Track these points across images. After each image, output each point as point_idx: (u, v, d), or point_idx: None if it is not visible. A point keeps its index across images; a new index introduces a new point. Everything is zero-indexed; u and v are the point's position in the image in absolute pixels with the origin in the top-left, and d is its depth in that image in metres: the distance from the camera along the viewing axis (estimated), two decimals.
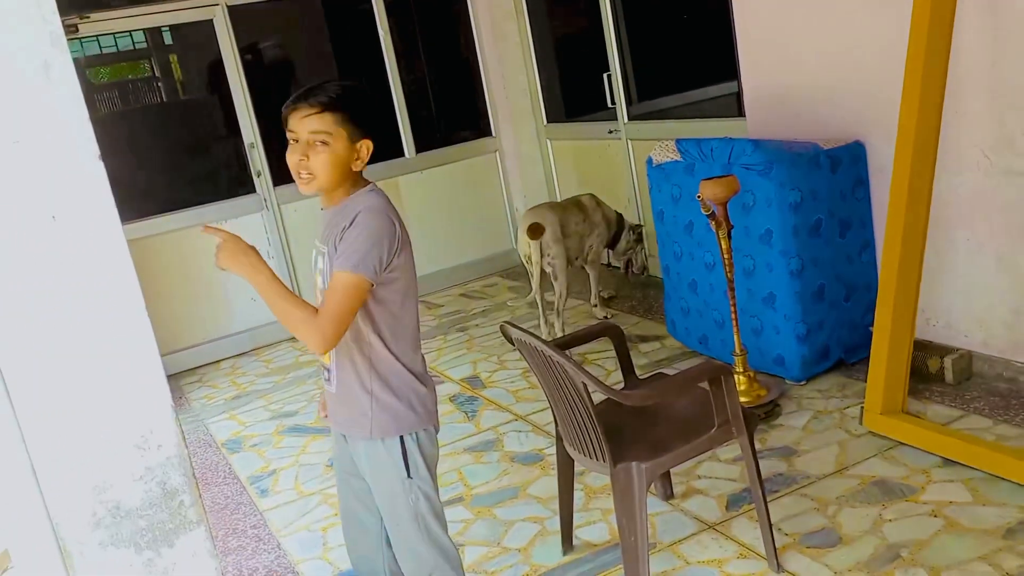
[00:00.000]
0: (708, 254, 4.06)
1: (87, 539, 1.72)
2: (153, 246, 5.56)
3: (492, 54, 6.52)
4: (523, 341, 2.59)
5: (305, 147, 1.96)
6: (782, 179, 3.66)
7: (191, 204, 5.73)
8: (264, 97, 5.86)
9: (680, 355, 4.46)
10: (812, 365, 3.85)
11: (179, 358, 5.65)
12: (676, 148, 4.16)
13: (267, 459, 4.12)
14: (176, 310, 5.63)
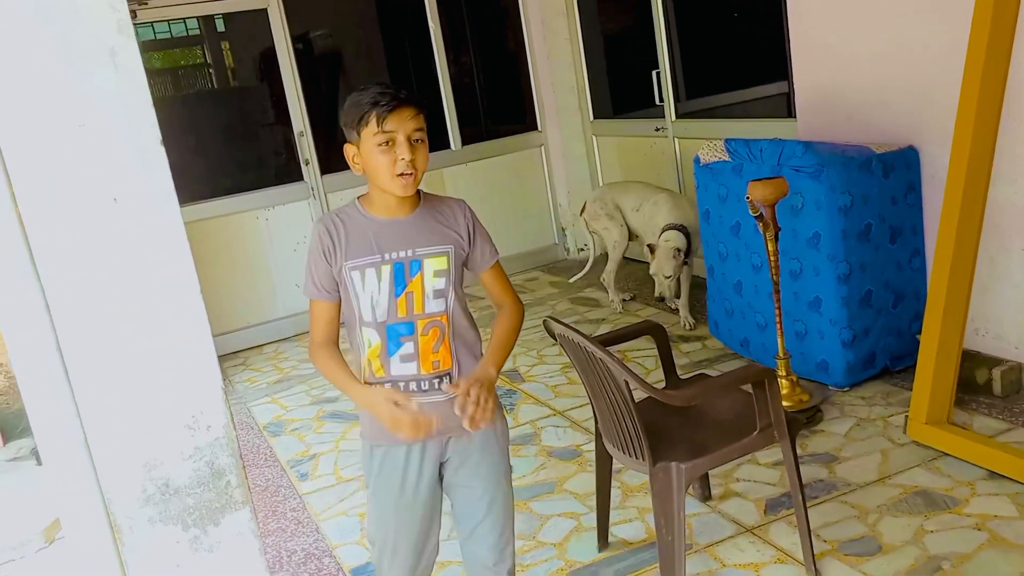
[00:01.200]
0: (755, 256, 4.02)
1: (136, 514, 1.76)
2: (201, 230, 5.64)
3: (541, 49, 6.52)
4: (566, 337, 2.60)
5: (411, 146, 1.98)
6: (833, 182, 3.62)
7: (239, 190, 5.81)
8: (314, 86, 5.92)
9: (721, 356, 4.43)
10: (857, 372, 3.80)
11: (224, 341, 5.73)
12: (724, 148, 4.13)
13: (307, 444, 4.18)
14: (221, 294, 5.72)
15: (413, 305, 2.02)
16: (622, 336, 2.97)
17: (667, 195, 5.10)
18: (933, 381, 3.27)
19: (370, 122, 1.95)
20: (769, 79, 5.05)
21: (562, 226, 6.77)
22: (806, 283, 3.79)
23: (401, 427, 1.94)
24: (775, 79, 4.83)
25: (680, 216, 4.92)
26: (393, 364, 2.02)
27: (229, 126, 6.09)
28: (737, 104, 5.50)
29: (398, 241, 2.02)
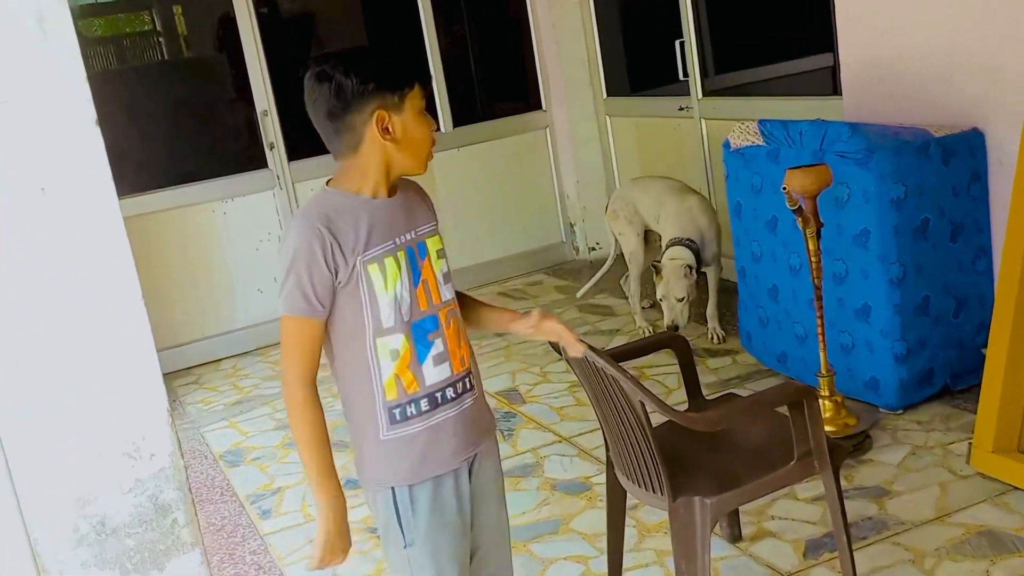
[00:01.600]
0: (793, 256, 4.02)
1: (67, 558, 1.76)
2: (148, 225, 5.65)
3: (545, 15, 6.53)
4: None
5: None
6: (884, 170, 3.62)
7: (193, 179, 5.82)
8: (281, 58, 5.94)
9: (754, 373, 4.43)
10: (911, 391, 3.80)
11: (174, 355, 5.73)
12: (759, 130, 4.14)
13: (270, 475, 4.18)
14: (172, 300, 5.73)
15: (431, 295, 2.05)
16: (638, 350, 2.97)
17: (676, 200, 4.99)
18: (1001, 402, 3.27)
19: (415, 86, 1.98)
20: (811, 50, 5.07)
21: (570, 221, 6.78)
22: (852, 288, 3.79)
23: (331, 557, 2.04)
24: (818, 51, 4.85)
25: (687, 226, 4.83)
26: (427, 372, 2.02)
27: (181, 104, 6.10)
28: (774, 80, 5.52)
29: (400, 222, 2.04)
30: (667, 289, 4.70)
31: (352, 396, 2.06)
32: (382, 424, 2.02)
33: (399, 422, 2.02)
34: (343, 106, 1.95)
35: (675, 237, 4.81)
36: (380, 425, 2.02)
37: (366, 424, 2.04)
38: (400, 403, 2.01)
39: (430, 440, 2.04)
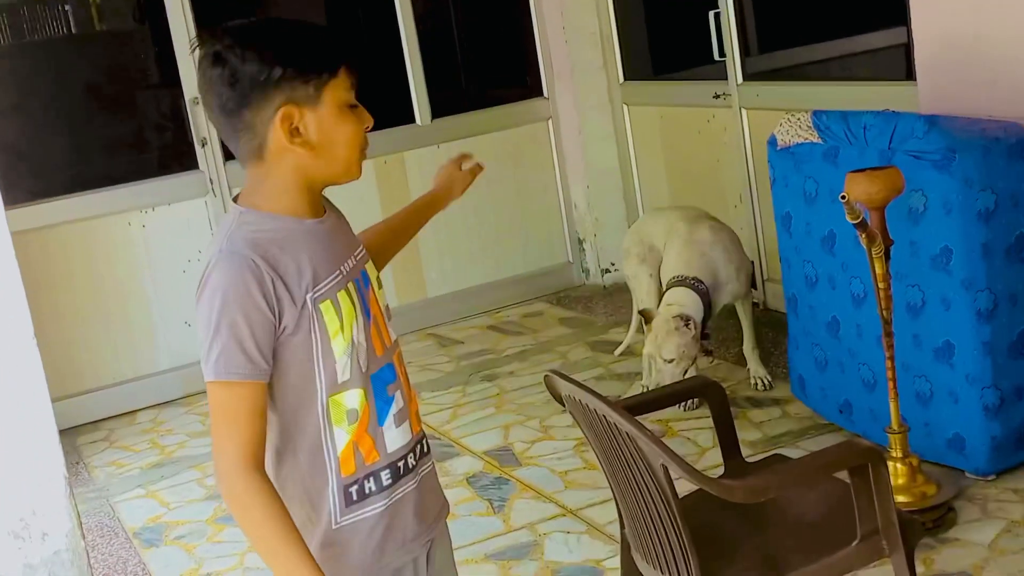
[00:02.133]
0: (857, 282, 4.03)
1: None
2: (48, 241, 5.66)
3: None
4: (576, 400, 2.60)
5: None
6: (969, 175, 3.64)
7: (105, 183, 5.85)
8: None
9: (810, 428, 4.43)
10: (1006, 452, 3.80)
11: (78, 405, 5.73)
12: (812, 124, 4.16)
13: (198, 558, 4.18)
14: (77, 336, 5.73)
15: (383, 335, 2.01)
16: (661, 400, 2.97)
17: (685, 228, 4.93)
18: None
19: (340, 74, 1.87)
20: (878, 25, 5.11)
21: (579, 237, 6.80)
22: (931, 322, 3.80)
23: None
24: (886, 25, 4.89)
25: (693, 261, 4.76)
26: (388, 435, 1.98)
27: (90, 89, 6.12)
28: (830, 60, 5.56)
29: (340, 246, 1.98)
30: (654, 346, 4.58)
31: (292, 479, 1.94)
32: (335, 509, 1.94)
33: (355, 503, 1.95)
34: (239, 99, 1.83)
35: (677, 276, 4.71)
36: (333, 511, 1.94)
37: (313, 512, 1.94)
38: (357, 478, 1.94)
39: (390, 523, 1.99)
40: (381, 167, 6.31)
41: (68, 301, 5.71)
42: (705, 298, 4.66)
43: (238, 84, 1.81)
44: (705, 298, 4.66)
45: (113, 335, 5.84)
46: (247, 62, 1.81)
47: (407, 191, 6.34)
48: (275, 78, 1.81)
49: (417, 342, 6.22)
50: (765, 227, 5.74)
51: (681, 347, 4.53)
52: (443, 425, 5.05)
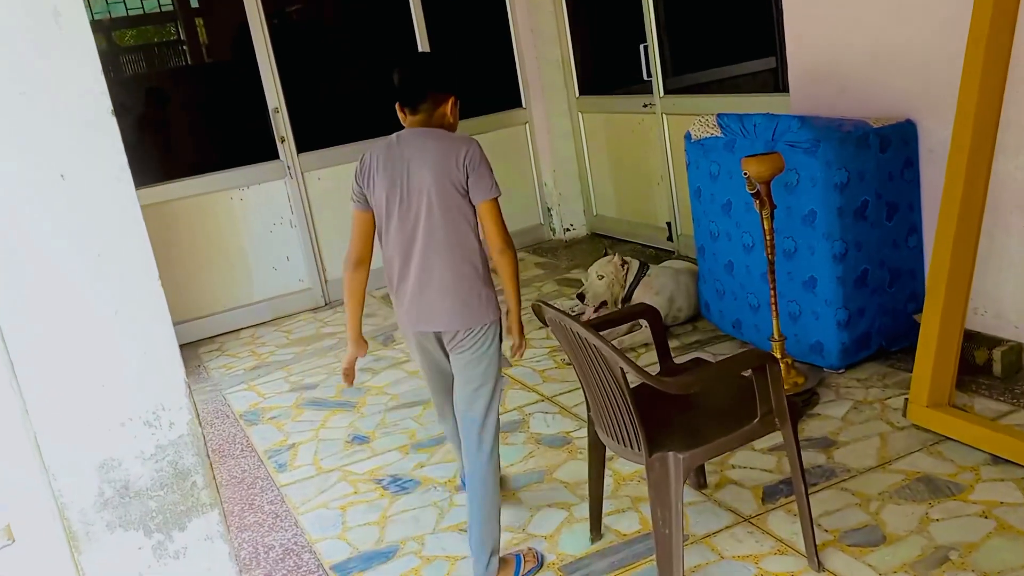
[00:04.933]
0: (747, 235, 3.90)
1: (94, 519, 1.62)
2: (174, 211, 5.47)
3: (525, 22, 6.35)
4: (557, 322, 2.47)
5: None
6: (829, 158, 3.49)
7: (213, 169, 5.63)
8: (289, 61, 5.73)
9: (713, 339, 4.31)
10: (852, 353, 3.70)
11: (199, 325, 5.57)
12: (717, 123, 4.00)
13: (286, 432, 4.03)
14: (196, 277, 5.55)
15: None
16: (614, 320, 2.84)
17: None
18: (935, 362, 3.17)
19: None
20: (760, 53, 4.92)
21: (547, 206, 6.62)
22: (800, 263, 3.67)
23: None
24: (767, 53, 4.70)
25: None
26: None
27: (203, 103, 5.89)
28: (728, 79, 5.37)
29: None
30: (595, 267, 4.53)
31: (480, 260, 2.59)
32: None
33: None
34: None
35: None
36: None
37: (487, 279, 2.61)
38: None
39: None
40: None
41: (191, 254, 5.53)
42: (644, 269, 4.51)
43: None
44: (644, 269, 4.51)
45: (222, 277, 5.65)
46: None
47: None
48: (454, 86, 2.64)
49: None
50: (679, 198, 5.60)
51: (612, 273, 4.44)
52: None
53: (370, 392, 4.35)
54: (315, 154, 5.81)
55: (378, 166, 2.54)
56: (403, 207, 2.51)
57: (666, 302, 4.43)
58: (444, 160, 2.47)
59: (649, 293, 4.41)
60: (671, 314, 4.47)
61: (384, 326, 5.30)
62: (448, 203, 2.48)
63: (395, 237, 2.54)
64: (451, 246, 2.50)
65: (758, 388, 2.37)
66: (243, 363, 5.07)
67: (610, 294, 4.44)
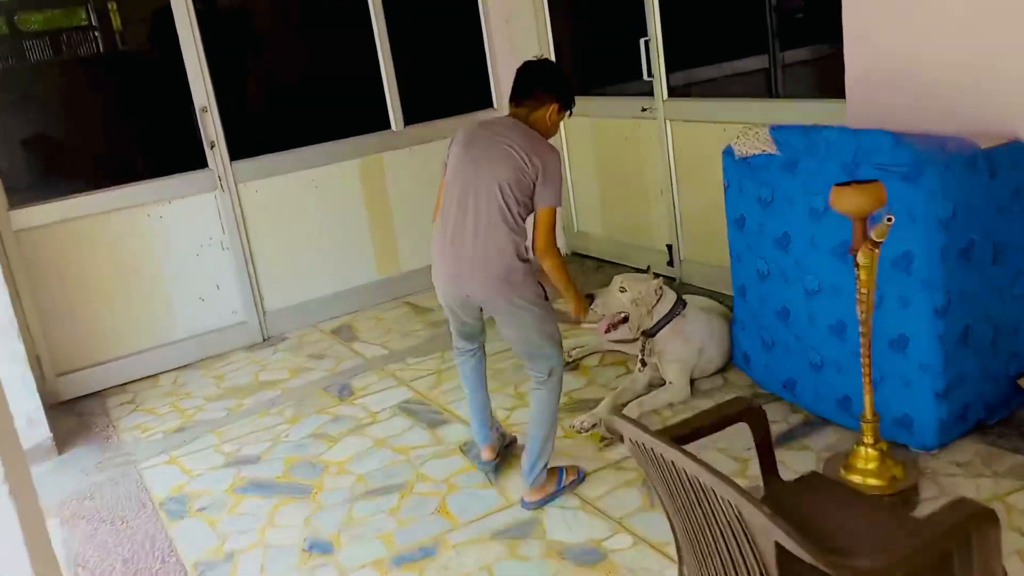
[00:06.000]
0: (810, 277, 3.12)
1: None
2: (78, 231, 4.46)
3: (497, 12, 5.48)
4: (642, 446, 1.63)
5: None
6: (933, 187, 2.73)
7: (127, 180, 4.62)
8: (222, 51, 4.76)
9: (753, 396, 3.51)
10: (949, 429, 2.96)
11: (107, 371, 4.56)
12: (770, 137, 3.20)
13: (221, 534, 3.10)
14: (105, 312, 4.55)
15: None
16: (706, 427, 2.01)
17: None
18: None
19: (572, 110, 2.95)
20: (805, 40, 4.13)
21: None
22: (888, 316, 2.91)
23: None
24: (814, 41, 3.92)
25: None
26: None
27: (116, 101, 4.85)
28: (751, 74, 4.59)
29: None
30: (622, 277, 3.67)
31: (523, 246, 2.76)
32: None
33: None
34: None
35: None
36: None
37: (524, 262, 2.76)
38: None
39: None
40: (363, 165, 5.20)
41: (97, 283, 4.52)
42: (679, 307, 3.64)
43: None
44: (679, 307, 3.64)
45: (136, 309, 4.65)
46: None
47: (384, 185, 5.25)
48: (565, 95, 2.94)
49: (395, 309, 5.16)
50: (684, 217, 4.82)
51: (641, 294, 3.58)
52: (430, 390, 4.03)
53: (328, 470, 3.44)
54: (252, 162, 4.85)
55: (463, 137, 2.86)
56: (470, 174, 2.77)
57: (695, 352, 3.63)
58: (524, 153, 2.71)
59: (678, 339, 3.60)
60: (700, 365, 3.67)
61: (339, 371, 4.39)
62: (508, 190, 2.70)
63: (454, 198, 2.81)
64: (496, 224, 2.72)
65: (960, 560, 1.56)
66: (163, 423, 4.10)
67: (633, 314, 3.61)
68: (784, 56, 4.36)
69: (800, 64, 4.38)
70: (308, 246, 5.07)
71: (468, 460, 3.35)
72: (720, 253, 4.56)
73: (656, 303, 3.58)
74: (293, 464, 3.51)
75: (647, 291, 3.56)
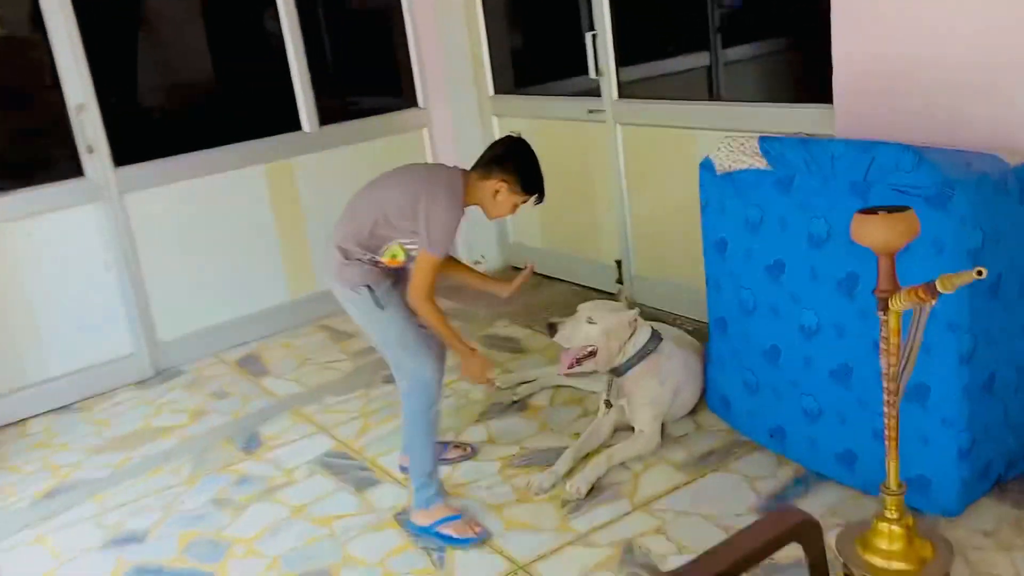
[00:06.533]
0: (808, 313, 2.68)
1: None
2: None
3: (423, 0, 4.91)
4: None
5: None
6: (964, 212, 2.31)
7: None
8: (102, 40, 4.06)
9: (731, 446, 3.06)
10: (971, 490, 2.55)
11: None
12: (759, 150, 2.74)
13: None
14: None
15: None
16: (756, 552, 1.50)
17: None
18: None
19: (529, 200, 2.80)
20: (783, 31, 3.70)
21: None
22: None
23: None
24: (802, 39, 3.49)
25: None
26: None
27: None
28: (718, 70, 4.15)
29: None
30: (590, 305, 3.15)
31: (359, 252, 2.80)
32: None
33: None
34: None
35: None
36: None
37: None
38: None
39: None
40: (271, 172, 4.57)
41: None
42: (654, 342, 3.14)
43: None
44: (654, 342, 3.14)
45: (1, 343, 3.92)
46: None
47: (296, 193, 4.63)
48: (511, 168, 2.76)
49: (310, 335, 4.54)
50: (634, 231, 4.36)
51: (614, 329, 3.06)
52: (356, 439, 3.45)
53: (233, 551, 2.83)
54: (140, 168, 4.18)
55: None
56: (372, 186, 2.84)
57: (670, 394, 3.16)
58: (423, 191, 2.67)
59: (652, 380, 3.11)
60: (672, 411, 3.20)
61: (246, 415, 3.76)
62: (389, 211, 2.70)
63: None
64: (355, 220, 2.80)
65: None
66: (30, 484, 3.40)
67: (603, 350, 3.09)
68: (754, 50, 3.92)
69: (772, 59, 3.93)
70: (208, 264, 4.41)
71: (407, 533, 2.79)
72: (677, 270, 4.15)
73: (630, 337, 3.09)
74: (189, 543, 2.89)
75: (620, 324, 3.06)
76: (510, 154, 2.77)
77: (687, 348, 3.28)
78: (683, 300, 4.15)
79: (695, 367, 3.24)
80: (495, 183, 2.72)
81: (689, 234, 4.00)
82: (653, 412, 3.09)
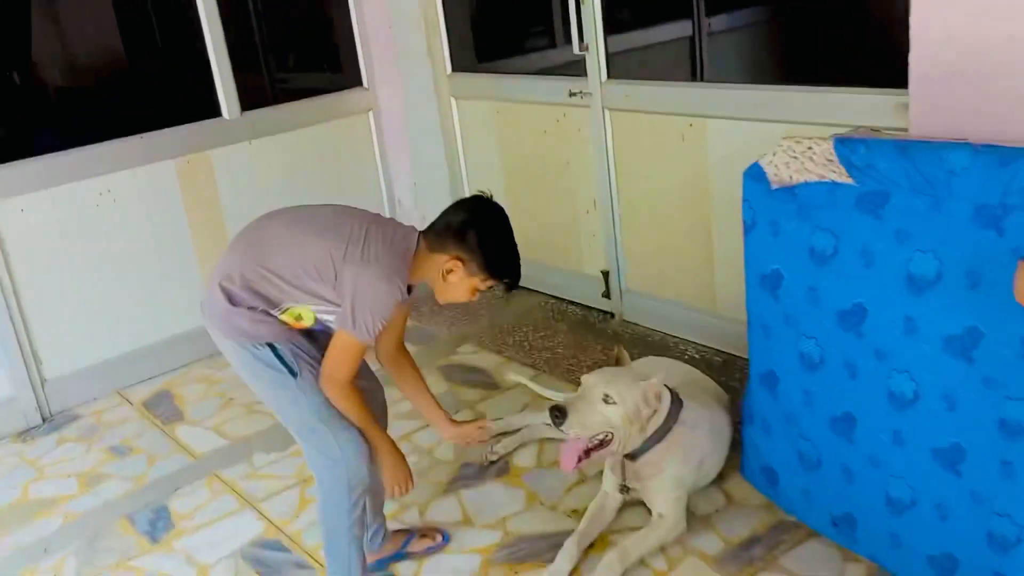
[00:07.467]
0: (902, 377, 1.99)
1: None
2: None
3: None
4: None
5: None
6: None
7: None
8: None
9: (777, 529, 2.39)
10: None
11: None
12: (835, 156, 2.04)
13: None
14: None
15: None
16: None
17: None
18: None
19: (496, 286, 2.09)
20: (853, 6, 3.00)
21: None
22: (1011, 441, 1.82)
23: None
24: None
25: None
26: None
27: None
28: (738, 37, 3.43)
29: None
30: (601, 376, 2.36)
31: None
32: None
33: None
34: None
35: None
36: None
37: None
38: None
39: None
40: (183, 167, 3.74)
41: None
42: (676, 407, 2.43)
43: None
44: (676, 407, 2.43)
45: None
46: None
47: (215, 192, 3.82)
48: (475, 246, 2.02)
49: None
50: (625, 238, 3.65)
51: (635, 405, 2.31)
52: (291, 519, 2.69)
53: None
54: (13, 168, 3.34)
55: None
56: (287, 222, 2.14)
57: (695, 469, 2.46)
58: (356, 254, 1.98)
59: (674, 456, 2.39)
60: (697, 482, 2.51)
61: (152, 481, 2.98)
62: (302, 268, 2.01)
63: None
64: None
65: None
66: None
67: (620, 434, 2.36)
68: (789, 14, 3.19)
69: (821, 29, 3.15)
70: (105, 283, 3.58)
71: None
72: (678, 287, 3.47)
73: (653, 413, 2.36)
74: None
75: (643, 399, 2.32)
76: (473, 223, 2.02)
77: (712, 407, 2.57)
78: (684, 321, 3.48)
79: (722, 428, 2.55)
80: (447, 260, 2.02)
81: (696, 246, 3.33)
82: (676, 494, 2.39)
